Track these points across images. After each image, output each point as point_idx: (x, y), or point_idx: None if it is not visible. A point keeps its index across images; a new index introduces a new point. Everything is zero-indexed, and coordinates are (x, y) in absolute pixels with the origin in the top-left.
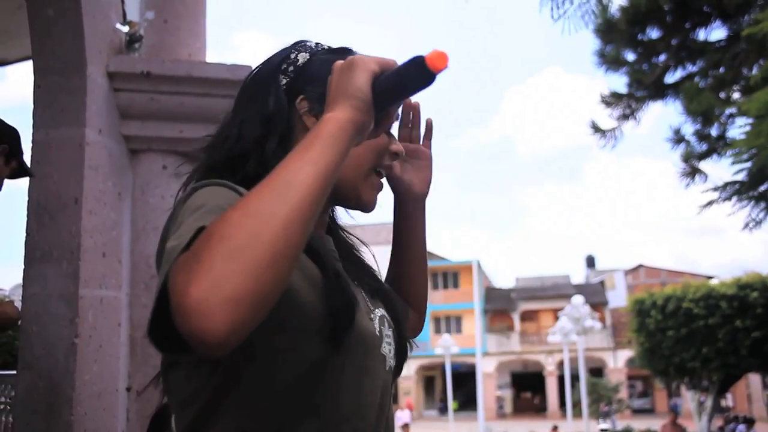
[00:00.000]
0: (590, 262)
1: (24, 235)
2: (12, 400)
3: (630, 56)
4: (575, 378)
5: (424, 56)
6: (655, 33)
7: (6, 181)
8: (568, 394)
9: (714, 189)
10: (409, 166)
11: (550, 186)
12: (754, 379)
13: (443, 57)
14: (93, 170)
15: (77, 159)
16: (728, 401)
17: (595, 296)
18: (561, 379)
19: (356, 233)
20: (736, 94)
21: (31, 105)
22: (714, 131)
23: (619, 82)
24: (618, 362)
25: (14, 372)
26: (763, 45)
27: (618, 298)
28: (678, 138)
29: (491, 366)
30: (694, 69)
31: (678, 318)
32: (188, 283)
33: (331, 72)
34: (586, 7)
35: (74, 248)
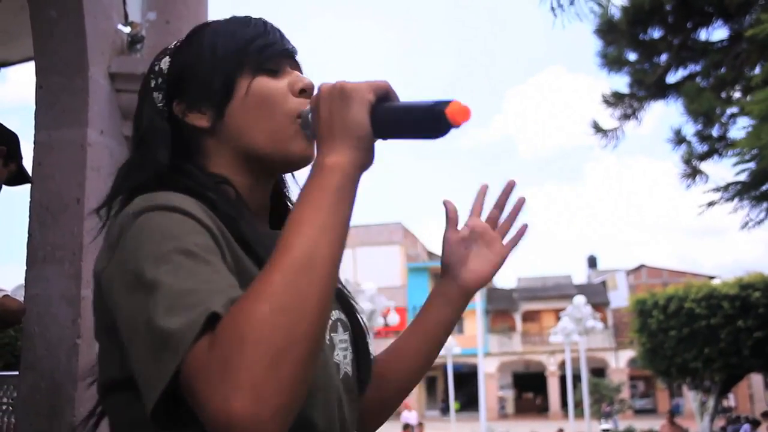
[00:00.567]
0: (592, 263)
1: (26, 236)
2: (14, 401)
3: (631, 56)
4: (577, 378)
5: (445, 109)
6: (657, 33)
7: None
8: (570, 395)
9: (716, 189)
10: (481, 253)
11: (552, 186)
12: (756, 380)
13: (466, 112)
14: (95, 171)
15: (79, 160)
16: (730, 401)
17: (597, 296)
18: (563, 380)
19: (359, 234)
20: (737, 95)
21: (31, 106)
22: (715, 132)
23: (621, 82)
24: (620, 362)
25: (17, 373)
26: (765, 45)
27: (620, 299)
28: (679, 139)
29: (493, 366)
30: (696, 69)
31: (680, 318)
32: (228, 398)
33: (317, 98)
34: (587, 6)
35: (76, 249)
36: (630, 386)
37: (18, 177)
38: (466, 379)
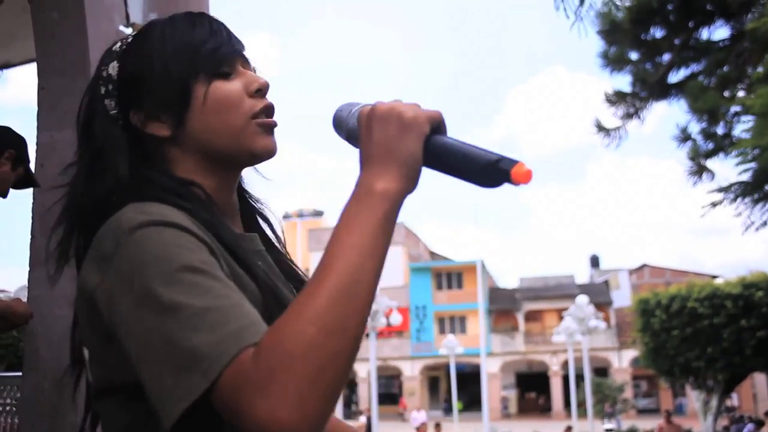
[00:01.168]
0: (594, 262)
1: (29, 238)
2: (17, 402)
3: (634, 56)
4: (580, 378)
5: (511, 170)
6: (659, 32)
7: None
8: (573, 394)
9: (719, 190)
10: None
11: (554, 185)
12: (760, 379)
13: (529, 176)
14: None
15: None
16: (734, 401)
17: (600, 296)
18: (565, 379)
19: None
20: (741, 93)
21: (33, 108)
22: (720, 130)
23: (623, 82)
24: (623, 362)
25: (19, 373)
26: (767, 42)
27: (622, 298)
28: (684, 136)
29: (496, 366)
30: (698, 68)
31: (683, 317)
32: (275, 408)
33: (370, 117)
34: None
35: None
36: (633, 386)
37: (25, 180)
38: (469, 379)
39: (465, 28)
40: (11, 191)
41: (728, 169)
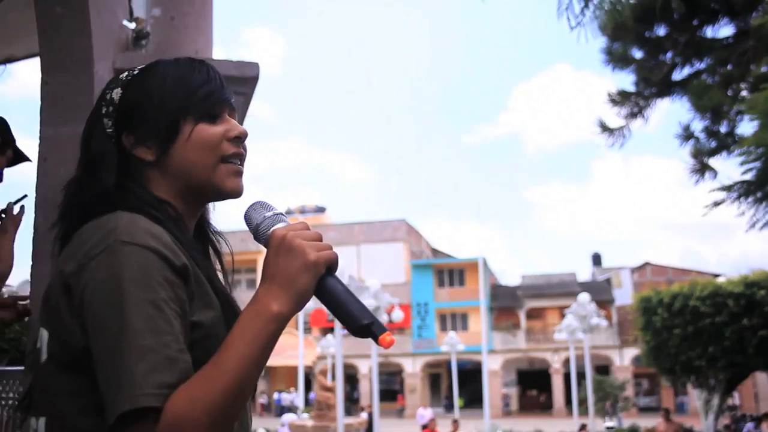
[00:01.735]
0: (596, 260)
1: (31, 232)
2: (20, 396)
3: (637, 54)
4: (581, 376)
5: (380, 336)
6: (663, 30)
7: (15, 179)
8: (574, 392)
9: (721, 189)
10: None
11: (557, 183)
12: (761, 378)
13: (390, 344)
14: None
15: None
16: (735, 400)
17: (602, 294)
18: (567, 377)
19: (363, 231)
20: (745, 92)
21: (37, 102)
22: (723, 128)
23: (627, 80)
24: (624, 360)
25: (22, 368)
26: None
27: (624, 296)
28: (687, 134)
29: (497, 363)
30: (702, 66)
31: (684, 316)
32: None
33: (273, 241)
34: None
35: None
36: (634, 384)
37: (15, 158)
38: (470, 376)
39: (471, 25)
40: (10, 183)
41: (731, 168)
